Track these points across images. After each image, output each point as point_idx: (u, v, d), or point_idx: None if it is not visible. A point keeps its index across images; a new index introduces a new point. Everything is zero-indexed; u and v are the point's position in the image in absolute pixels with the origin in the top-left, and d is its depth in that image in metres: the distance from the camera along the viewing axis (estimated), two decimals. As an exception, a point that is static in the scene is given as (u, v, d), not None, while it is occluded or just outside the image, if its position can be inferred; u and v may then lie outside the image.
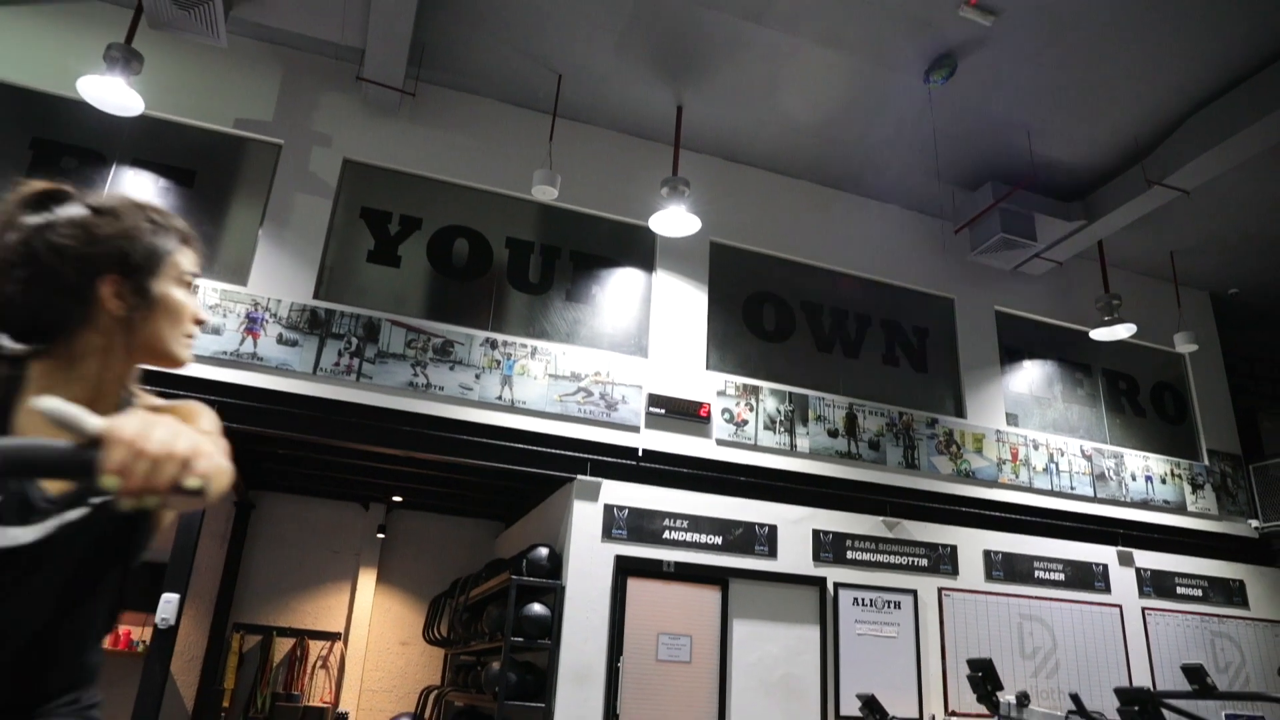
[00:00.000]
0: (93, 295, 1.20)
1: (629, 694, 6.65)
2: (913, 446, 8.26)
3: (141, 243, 1.24)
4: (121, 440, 0.85)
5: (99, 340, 1.21)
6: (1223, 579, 9.20)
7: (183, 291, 1.30)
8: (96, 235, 1.21)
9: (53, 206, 1.24)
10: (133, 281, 1.22)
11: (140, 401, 1.30)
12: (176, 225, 1.32)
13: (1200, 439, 9.81)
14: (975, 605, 7.93)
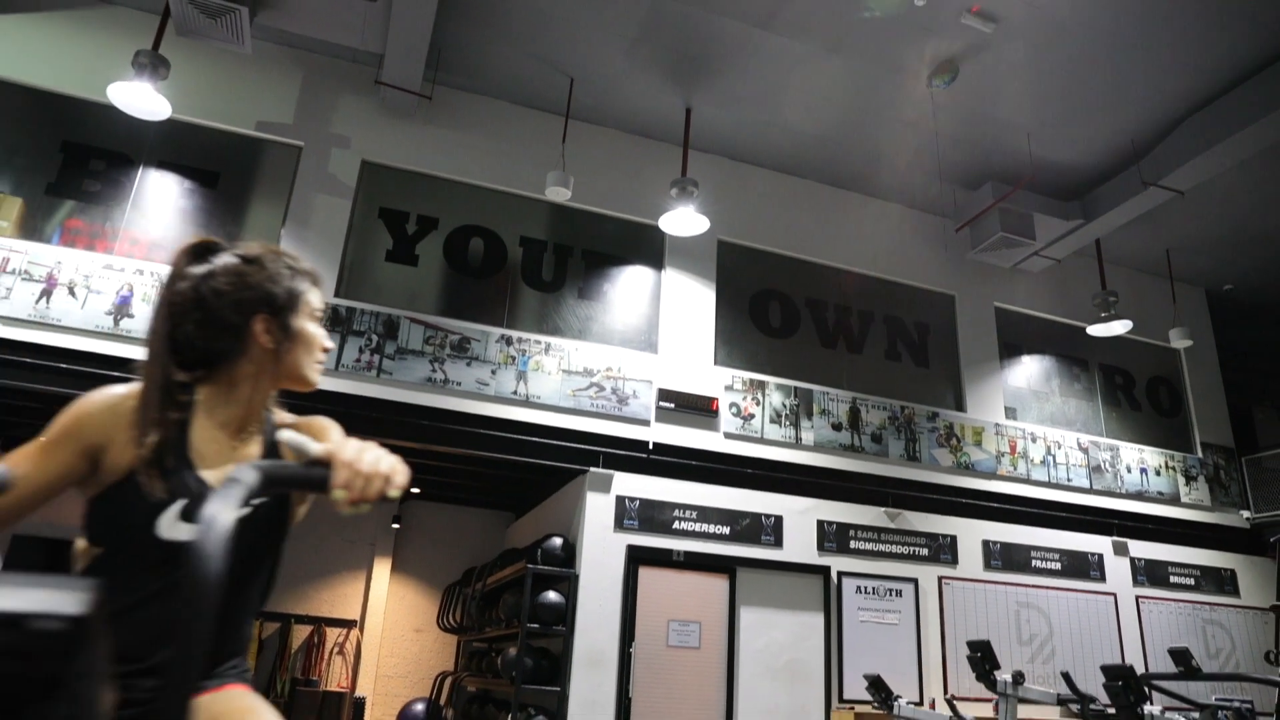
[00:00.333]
0: (247, 331, 1.42)
1: (641, 678, 6.91)
2: (914, 439, 8.50)
3: (283, 285, 1.46)
4: (344, 462, 1.07)
5: (251, 368, 1.43)
6: (1214, 568, 9.46)
7: (314, 325, 1.52)
8: (248, 281, 1.43)
9: (209, 257, 1.46)
10: (279, 319, 1.44)
11: (278, 417, 1.52)
12: (308, 269, 1.54)
13: (1194, 432, 10.05)
14: (974, 593, 8.19)
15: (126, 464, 1.31)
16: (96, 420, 1.32)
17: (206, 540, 0.84)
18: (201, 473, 1.36)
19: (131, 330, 6.55)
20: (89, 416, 1.32)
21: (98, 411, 1.33)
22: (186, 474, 1.34)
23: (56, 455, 1.29)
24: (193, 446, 1.37)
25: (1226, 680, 3.29)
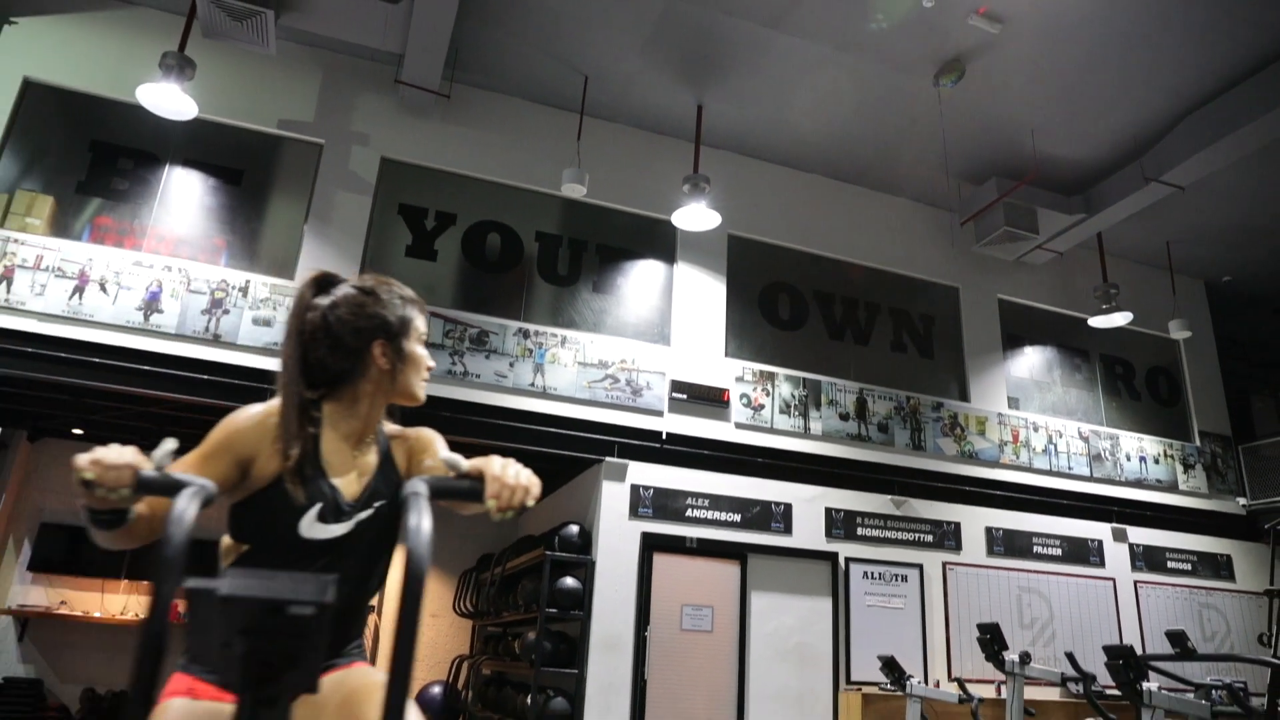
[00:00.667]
0: (367, 355, 1.62)
1: (655, 661, 7.15)
2: (919, 429, 8.72)
3: (396, 314, 1.66)
4: (493, 476, 1.28)
5: (370, 387, 1.64)
6: (1211, 554, 9.70)
7: (420, 347, 1.71)
8: (367, 311, 1.63)
9: (331, 289, 1.66)
10: (393, 343, 1.64)
11: (388, 429, 1.72)
12: (415, 298, 1.74)
13: (1192, 421, 10.27)
14: (977, 578, 8.43)
15: (271, 473, 1.51)
16: (247, 435, 1.52)
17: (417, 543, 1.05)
18: (333, 480, 1.57)
19: (161, 325, 6.75)
20: (240, 432, 1.52)
21: (248, 428, 1.53)
22: (321, 481, 1.54)
23: (215, 465, 1.49)
24: (323, 457, 1.57)
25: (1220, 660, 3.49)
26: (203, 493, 1.13)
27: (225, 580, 0.89)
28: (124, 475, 1.20)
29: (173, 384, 6.73)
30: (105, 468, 1.20)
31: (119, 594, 9.11)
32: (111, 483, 1.20)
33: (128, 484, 1.20)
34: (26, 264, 6.60)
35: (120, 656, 9.01)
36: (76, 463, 1.20)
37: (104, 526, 1.31)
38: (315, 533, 1.52)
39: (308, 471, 1.53)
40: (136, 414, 8.14)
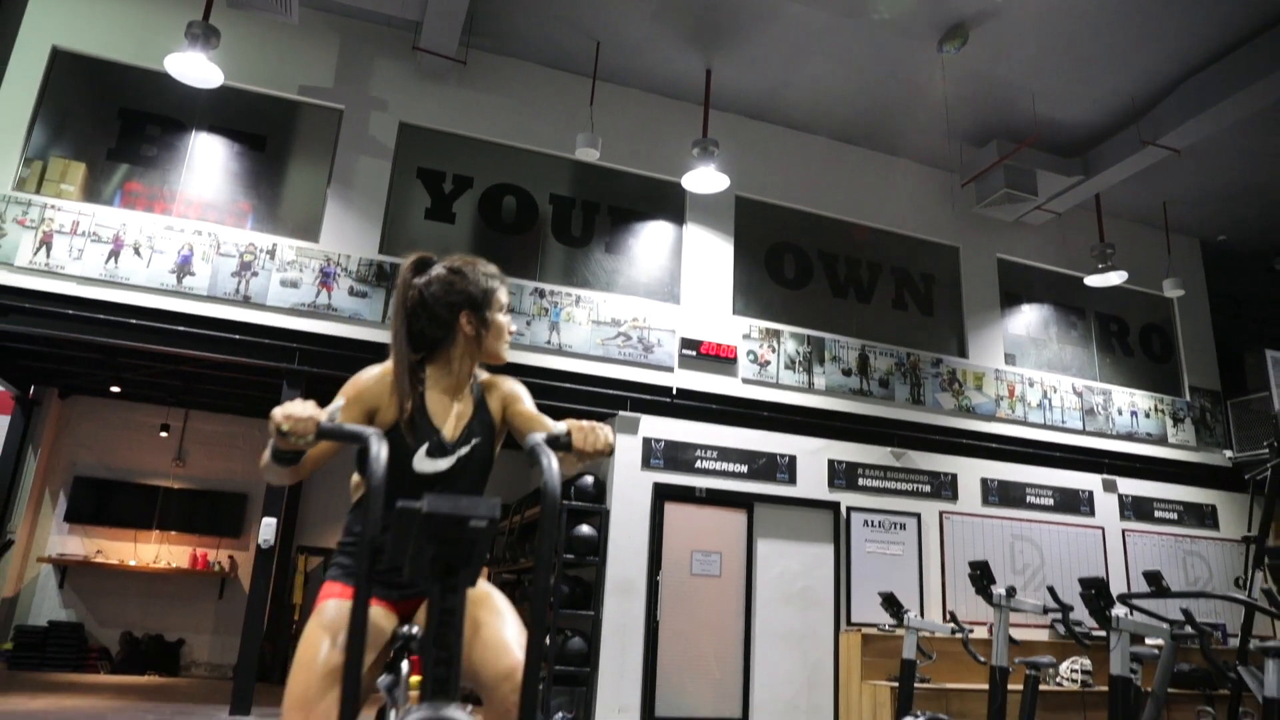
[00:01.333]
0: (456, 324, 1.93)
1: (667, 604, 7.58)
2: (919, 384, 9.06)
3: (480, 288, 1.96)
4: (579, 428, 1.61)
5: (460, 350, 1.95)
6: (1196, 504, 10.11)
7: (503, 315, 2.01)
8: (456, 287, 1.94)
9: (426, 269, 1.97)
10: (478, 314, 1.95)
11: (481, 378, 2.01)
12: (496, 273, 2.03)
13: (1183, 376, 10.61)
14: (972, 527, 8.84)
15: (389, 420, 1.83)
16: (373, 390, 1.84)
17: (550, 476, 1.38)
18: (436, 424, 1.89)
19: (193, 288, 7.04)
20: (368, 388, 1.84)
21: (373, 384, 1.85)
22: (428, 426, 1.87)
23: (348, 415, 1.81)
24: (428, 407, 1.89)
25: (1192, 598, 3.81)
26: (380, 437, 1.42)
27: (425, 501, 1.21)
28: (309, 426, 1.49)
29: (205, 343, 7.05)
30: (296, 420, 1.49)
31: (151, 544, 9.54)
32: (300, 431, 1.49)
33: (311, 433, 1.50)
34: (63, 229, 6.88)
35: (155, 601, 9.45)
36: (274, 415, 1.50)
37: (285, 463, 1.64)
38: (425, 467, 1.84)
39: (417, 419, 1.85)
40: (167, 372, 8.48)
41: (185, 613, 9.50)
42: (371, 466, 1.35)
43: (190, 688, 8.25)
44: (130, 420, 9.76)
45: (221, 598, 9.65)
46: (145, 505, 9.54)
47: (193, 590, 9.59)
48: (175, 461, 9.80)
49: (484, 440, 1.94)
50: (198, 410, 9.93)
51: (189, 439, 9.93)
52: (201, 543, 9.67)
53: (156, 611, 9.39)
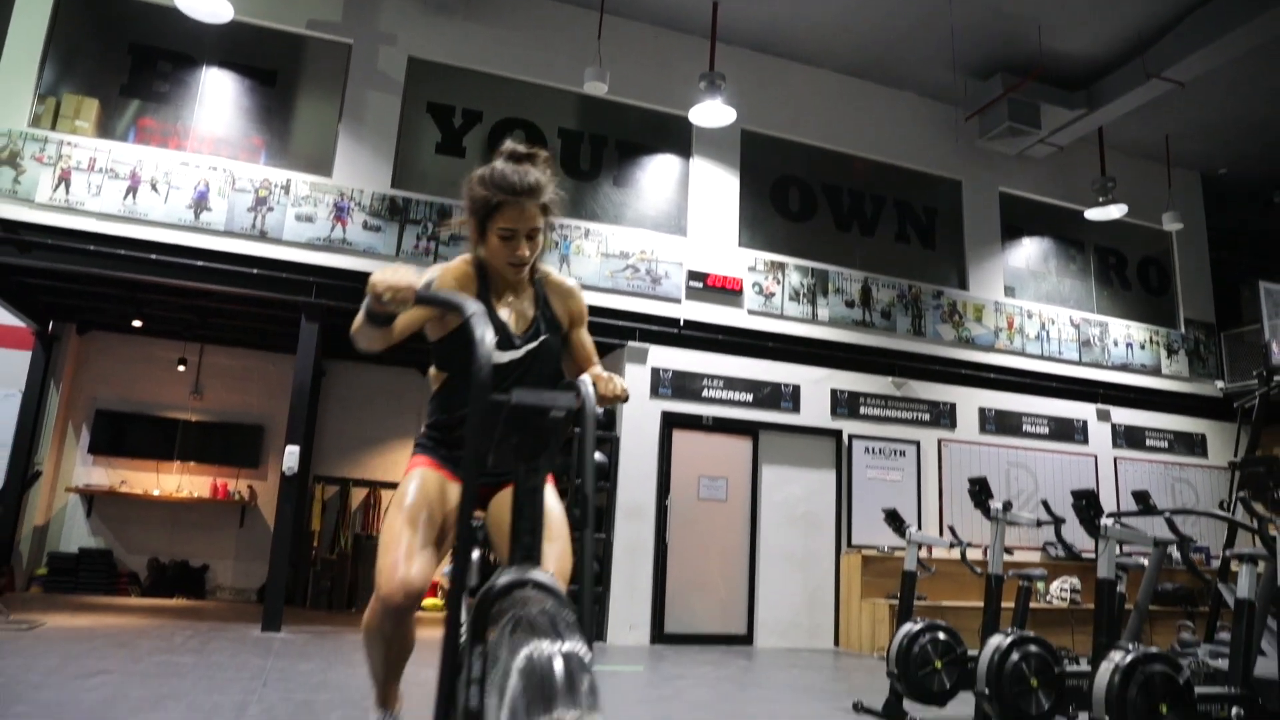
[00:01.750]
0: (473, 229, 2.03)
1: (675, 527, 7.89)
2: (920, 315, 9.26)
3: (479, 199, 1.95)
4: (599, 376, 1.80)
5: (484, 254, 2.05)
6: (1187, 432, 10.40)
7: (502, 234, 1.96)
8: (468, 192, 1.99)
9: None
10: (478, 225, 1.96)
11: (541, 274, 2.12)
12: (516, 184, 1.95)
13: (1179, 309, 10.81)
14: (969, 454, 9.13)
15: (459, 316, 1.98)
16: (445, 284, 1.99)
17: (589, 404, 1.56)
18: (503, 318, 2.04)
19: (211, 223, 7.18)
20: (441, 282, 2.00)
21: (446, 279, 2.01)
22: (495, 319, 2.02)
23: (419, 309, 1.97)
24: (494, 302, 2.04)
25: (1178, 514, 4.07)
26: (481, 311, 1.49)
27: (514, 394, 1.41)
28: (407, 293, 1.64)
29: (224, 278, 7.21)
30: (395, 287, 1.64)
31: (172, 474, 9.82)
32: (399, 297, 1.64)
33: (409, 298, 1.66)
34: (81, 166, 6.99)
35: (179, 529, 9.77)
36: (375, 278, 1.64)
37: (377, 324, 1.76)
38: (496, 359, 1.99)
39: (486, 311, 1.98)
40: (184, 307, 8.65)
41: (208, 540, 9.83)
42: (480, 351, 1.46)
43: (218, 609, 8.61)
44: (148, 355, 9.96)
45: (242, 526, 9.98)
46: (165, 437, 9.79)
47: (214, 519, 9.92)
48: (193, 395, 10.03)
49: (551, 336, 2.08)
50: (213, 345, 10.13)
51: (205, 373, 10.14)
52: (221, 473, 9.95)
53: (181, 539, 9.72)
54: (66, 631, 6.13)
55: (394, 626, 1.93)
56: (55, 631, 6.11)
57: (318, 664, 5.36)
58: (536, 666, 1.22)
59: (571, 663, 1.21)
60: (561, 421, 1.46)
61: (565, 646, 1.24)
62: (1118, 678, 3.28)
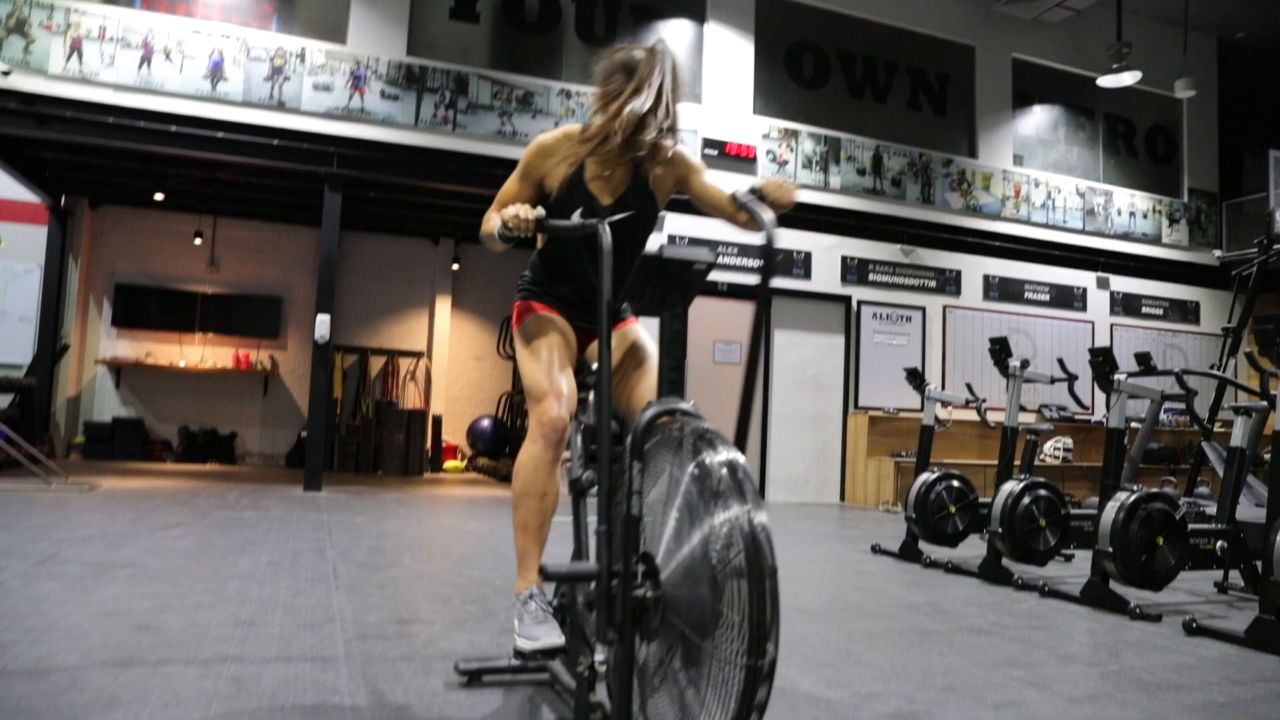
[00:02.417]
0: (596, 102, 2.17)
1: (690, 389, 8.10)
2: (929, 184, 9.35)
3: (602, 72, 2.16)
4: (775, 183, 1.95)
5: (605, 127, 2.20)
6: (1181, 300, 10.71)
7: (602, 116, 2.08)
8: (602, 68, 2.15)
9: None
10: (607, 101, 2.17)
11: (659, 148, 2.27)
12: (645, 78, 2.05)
13: (1184, 178, 10.91)
14: (973, 320, 9.42)
15: (554, 185, 2.15)
16: (539, 163, 2.13)
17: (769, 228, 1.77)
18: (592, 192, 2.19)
19: (228, 94, 7.13)
20: (532, 163, 2.14)
21: (535, 157, 2.14)
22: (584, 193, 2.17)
23: (525, 187, 2.15)
24: (586, 177, 2.19)
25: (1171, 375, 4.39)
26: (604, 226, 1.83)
27: (665, 249, 1.61)
28: (529, 226, 1.91)
29: (244, 149, 7.23)
30: (520, 220, 1.90)
31: (195, 346, 10.06)
32: (524, 228, 1.91)
33: (530, 228, 1.90)
34: (92, 35, 6.87)
35: (205, 399, 10.08)
36: (504, 214, 1.91)
37: (509, 244, 2.00)
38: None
39: (577, 184, 2.16)
40: (200, 180, 8.66)
41: (234, 409, 10.17)
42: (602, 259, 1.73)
43: (251, 473, 9.03)
44: (162, 229, 10.01)
45: (266, 395, 10.30)
46: (185, 310, 9.96)
47: (239, 388, 10.22)
48: (209, 268, 10.14)
49: (645, 210, 2.22)
50: (227, 218, 10.16)
51: (220, 246, 10.22)
52: (243, 344, 10.19)
53: (208, 408, 10.05)
54: (124, 492, 6.50)
55: (551, 465, 2.15)
56: (114, 492, 6.48)
57: (369, 517, 5.76)
58: (708, 473, 1.49)
59: (737, 468, 1.48)
60: (703, 274, 1.68)
61: (728, 455, 1.50)
62: (1122, 514, 3.64)
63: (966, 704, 2.29)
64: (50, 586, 3.13)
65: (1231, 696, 2.51)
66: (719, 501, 1.46)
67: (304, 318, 10.48)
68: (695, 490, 1.53)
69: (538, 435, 2.15)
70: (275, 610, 2.94)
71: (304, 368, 10.52)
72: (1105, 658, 2.92)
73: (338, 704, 2.02)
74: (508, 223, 1.92)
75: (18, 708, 1.90)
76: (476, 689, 2.22)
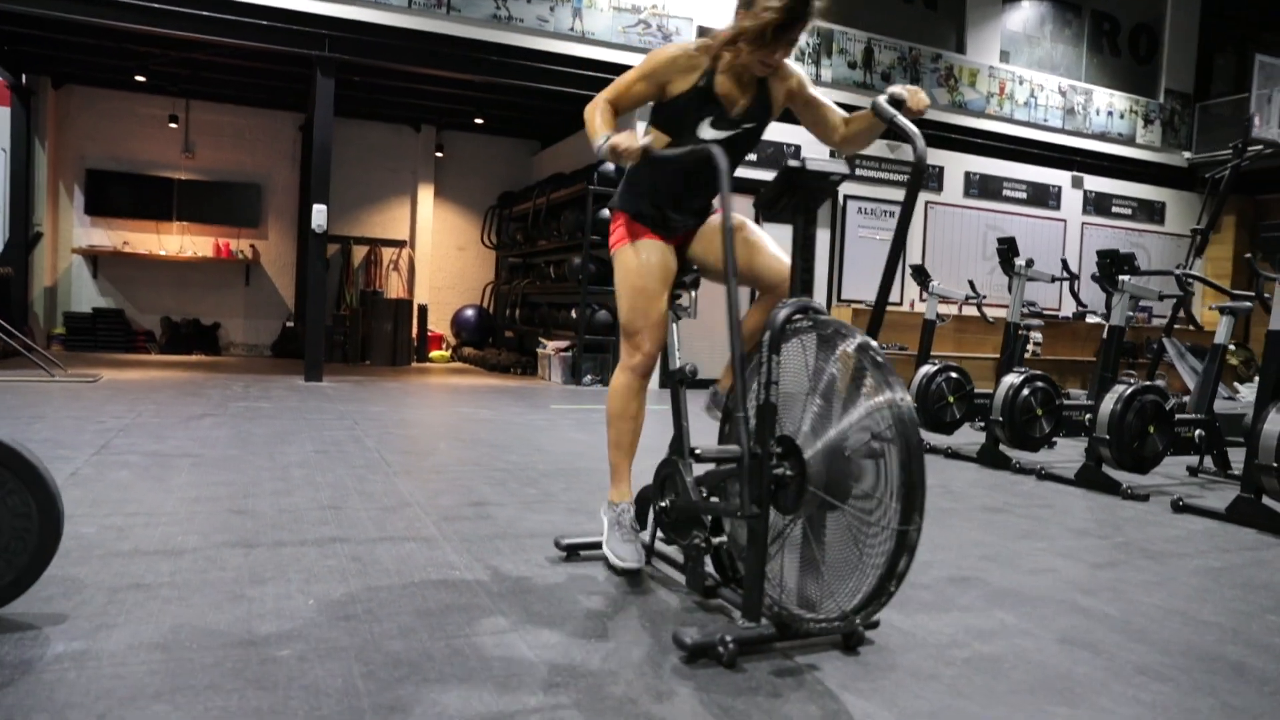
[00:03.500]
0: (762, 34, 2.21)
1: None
2: (918, 79, 9.37)
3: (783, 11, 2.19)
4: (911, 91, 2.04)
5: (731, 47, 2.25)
6: (1149, 200, 11.03)
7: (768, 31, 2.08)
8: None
9: None
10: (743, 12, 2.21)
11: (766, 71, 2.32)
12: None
13: (1161, 79, 11.05)
14: (953, 216, 9.64)
15: (680, 91, 2.22)
16: (666, 68, 2.19)
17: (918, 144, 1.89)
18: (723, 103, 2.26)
19: (210, -36, 6.78)
20: (660, 66, 2.20)
21: (666, 63, 2.19)
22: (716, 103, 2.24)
23: (645, 86, 2.20)
24: (717, 88, 2.25)
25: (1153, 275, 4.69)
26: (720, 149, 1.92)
27: (809, 161, 1.73)
28: (637, 155, 2.04)
29: (231, 29, 6.96)
30: (628, 150, 2.02)
31: (173, 235, 9.85)
32: (631, 158, 2.04)
33: (638, 158, 2.03)
34: (61, -106, 6.45)
35: (187, 289, 9.95)
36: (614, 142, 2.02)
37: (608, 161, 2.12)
38: (707, 134, 2.26)
39: (706, 95, 2.23)
40: (177, 60, 8.32)
41: (217, 299, 10.07)
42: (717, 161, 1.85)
43: (241, 364, 9.05)
44: (132, 111, 9.63)
45: (248, 284, 10.20)
46: (161, 197, 9.70)
47: (220, 278, 10.10)
48: (184, 154, 9.84)
49: (760, 122, 2.31)
50: (201, 100, 9.80)
51: (195, 130, 9.89)
52: (223, 233, 10.00)
53: (189, 298, 9.93)
54: (127, 383, 6.53)
55: (642, 391, 2.34)
56: (117, 383, 6.51)
57: (384, 406, 5.90)
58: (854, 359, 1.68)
59: (873, 352, 1.66)
60: (837, 184, 1.82)
61: (868, 346, 1.68)
62: (1119, 405, 3.95)
63: (1007, 570, 2.58)
64: (123, 475, 3.25)
65: (1225, 562, 2.85)
66: (865, 388, 1.65)
67: (285, 206, 10.30)
68: (838, 377, 1.71)
69: (631, 366, 2.33)
70: (350, 495, 3.12)
71: (286, 257, 10.41)
72: (1110, 531, 3.25)
73: (461, 578, 2.23)
74: (617, 148, 2.05)
75: (174, 582, 2.07)
76: (577, 563, 2.44)
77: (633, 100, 2.25)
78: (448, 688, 1.55)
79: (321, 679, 1.55)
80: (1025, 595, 2.34)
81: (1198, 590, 2.49)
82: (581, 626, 1.93)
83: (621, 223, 2.37)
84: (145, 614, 1.84)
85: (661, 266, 2.32)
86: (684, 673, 1.68)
